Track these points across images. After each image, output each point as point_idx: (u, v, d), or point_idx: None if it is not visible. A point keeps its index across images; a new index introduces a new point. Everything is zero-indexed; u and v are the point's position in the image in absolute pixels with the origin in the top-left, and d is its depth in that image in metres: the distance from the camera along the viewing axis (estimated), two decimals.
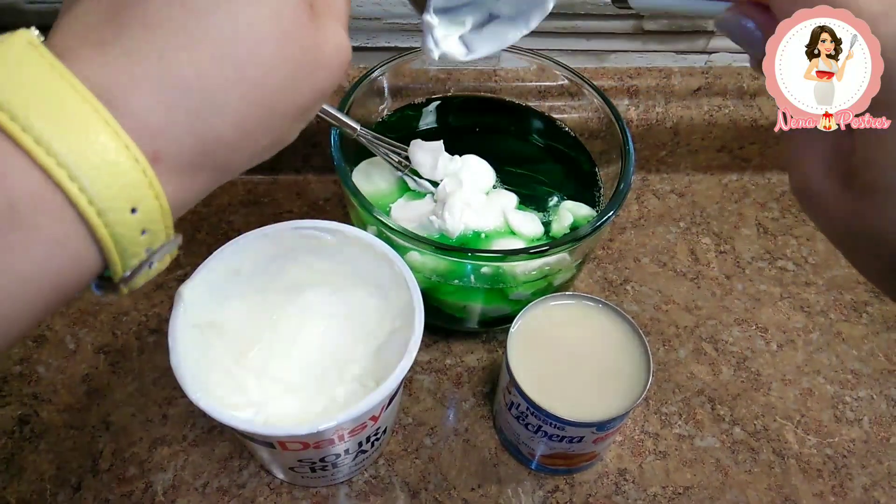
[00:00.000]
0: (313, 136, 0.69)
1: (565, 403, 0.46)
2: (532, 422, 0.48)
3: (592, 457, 0.52)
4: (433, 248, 0.48)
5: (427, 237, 0.51)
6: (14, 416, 0.54)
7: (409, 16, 0.65)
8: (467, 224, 0.53)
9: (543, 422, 0.47)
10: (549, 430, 0.48)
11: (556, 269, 0.53)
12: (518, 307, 0.51)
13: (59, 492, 0.51)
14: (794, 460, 0.56)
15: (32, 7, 0.62)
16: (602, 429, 0.47)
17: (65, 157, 0.19)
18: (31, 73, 0.20)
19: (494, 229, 0.54)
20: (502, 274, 0.52)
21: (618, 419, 0.47)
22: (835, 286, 0.67)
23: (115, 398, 0.56)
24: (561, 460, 0.52)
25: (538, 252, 0.48)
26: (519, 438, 0.52)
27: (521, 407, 0.48)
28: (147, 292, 0.62)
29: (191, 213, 0.69)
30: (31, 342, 0.59)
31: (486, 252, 0.51)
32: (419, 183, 0.56)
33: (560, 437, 0.48)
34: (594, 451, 0.51)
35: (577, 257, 0.54)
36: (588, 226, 0.50)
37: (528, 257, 0.49)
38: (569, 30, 0.67)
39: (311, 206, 0.70)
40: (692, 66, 0.72)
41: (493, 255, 0.50)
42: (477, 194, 0.55)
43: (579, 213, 0.57)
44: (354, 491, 0.52)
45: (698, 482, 0.54)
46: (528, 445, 0.51)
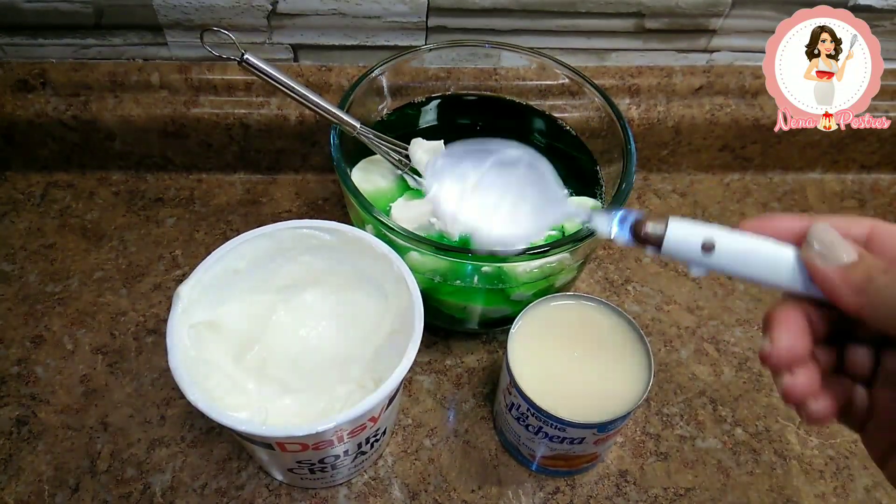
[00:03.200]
0: (312, 136, 0.69)
1: (566, 404, 0.46)
2: (533, 423, 0.48)
3: (593, 458, 0.52)
4: (433, 248, 0.48)
5: (427, 236, 0.51)
6: (12, 417, 0.54)
7: (408, 14, 0.64)
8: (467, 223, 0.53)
9: (544, 423, 0.47)
10: (550, 432, 0.48)
11: (557, 269, 0.53)
12: (519, 307, 0.51)
13: (58, 493, 0.51)
14: (795, 461, 0.55)
15: (32, 6, 0.62)
16: (603, 430, 0.47)
17: None
18: None
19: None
20: (503, 274, 0.52)
21: (619, 420, 0.46)
22: None
23: (114, 399, 0.56)
24: (562, 461, 0.51)
25: (539, 252, 0.48)
26: (519, 440, 0.51)
27: (521, 408, 0.48)
28: (145, 293, 0.62)
29: (189, 213, 0.69)
30: (29, 343, 0.58)
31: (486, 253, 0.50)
32: (419, 182, 0.56)
33: (561, 439, 0.48)
34: (595, 452, 0.51)
35: (578, 257, 0.53)
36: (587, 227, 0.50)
37: (529, 258, 0.48)
38: (569, 28, 0.67)
39: (310, 206, 0.70)
40: (693, 64, 0.72)
41: (492, 257, 0.49)
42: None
43: (587, 205, 0.56)
44: (354, 492, 0.52)
45: (700, 483, 0.54)
46: (529, 447, 0.51)
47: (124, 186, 0.71)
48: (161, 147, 0.70)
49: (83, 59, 0.67)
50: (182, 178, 0.72)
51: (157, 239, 0.67)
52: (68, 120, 0.67)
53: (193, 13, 0.63)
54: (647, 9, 0.65)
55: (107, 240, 0.66)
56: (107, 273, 0.64)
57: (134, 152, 0.70)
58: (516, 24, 0.66)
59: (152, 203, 0.70)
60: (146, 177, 0.72)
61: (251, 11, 0.63)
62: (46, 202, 0.69)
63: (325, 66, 0.68)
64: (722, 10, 0.66)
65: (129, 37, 0.65)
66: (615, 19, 0.67)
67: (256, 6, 0.63)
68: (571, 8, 0.65)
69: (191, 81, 0.67)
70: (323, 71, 0.68)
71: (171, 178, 0.72)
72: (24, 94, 0.66)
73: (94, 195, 0.70)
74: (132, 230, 0.67)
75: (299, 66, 0.68)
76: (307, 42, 0.67)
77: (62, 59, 0.67)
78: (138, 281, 0.63)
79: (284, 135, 0.69)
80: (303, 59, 0.68)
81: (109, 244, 0.66)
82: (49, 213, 0.68)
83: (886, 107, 0.72)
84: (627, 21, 0.67)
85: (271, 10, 0.63)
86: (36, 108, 0.66)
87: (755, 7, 0.66)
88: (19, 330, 0.59)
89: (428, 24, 0.65)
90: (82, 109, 0.66)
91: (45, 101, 0.66)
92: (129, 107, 0.67)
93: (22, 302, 0.61)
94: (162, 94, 0.67)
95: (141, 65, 0.67)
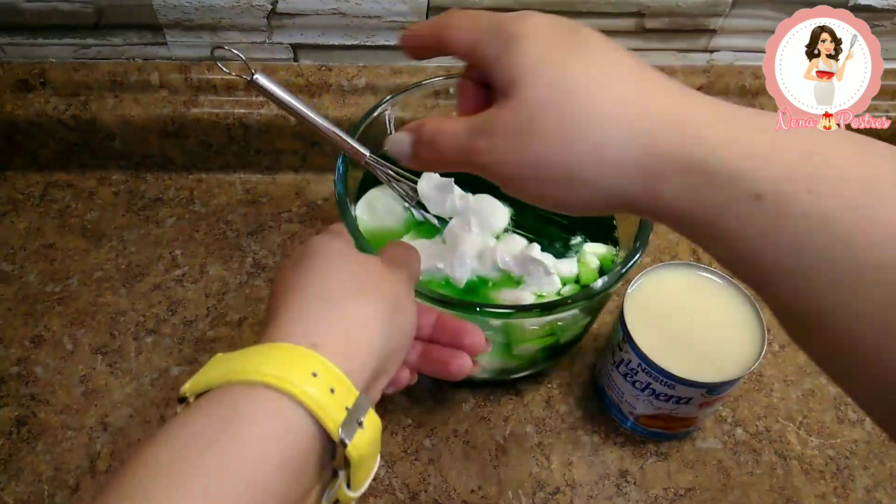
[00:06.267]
0: (312, 136, 0.69)
1: (678, 363, 0.47)
2: (641, 379, 0.49)
3: (692, 423, 0.53)
4: (439, 304, 0.45)
5: (432, 280, 0.50)
6: (11, 417, 0.54)
7: (408, 14, 0.64)
8: (475, 270, 0.51)
9: (654, 378, 0.48)
10: (658, 388, 0.49)
11: (568, 324, 0.51)
12: (522, 362, 0.50)
13: (57, 493, 0.51)
14: (796, 461, 0.55)
15: (31, 6, 0.62)
16: (713, 392, 0.48)
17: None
18: (287, 356, 0.30)
19: (502, 277, 0.52)
20: (508, 328, 0.50)
21: (729, 384, 0.48)
22: None
23: (113, 399, 0.56)
24: (661, 422, 0.52)
25: (548, 309, 0.46)
26: (623, 397, 0.52)
27: (631, 363, 0.49)
28: (145, 292, 0.62)
29: (189, 213, 0.69)
30: (29, 343, 0.59)
31: (495, 308, 0.46)
32: (426, 216, 0.54)
33: (668, 397, 0.49)
34: (695, 416, 0.52)
35: (588, 312, 0.52)
36: (601, 282, 0.47)
37: (538, 314, 0.47)
38: None
39: (309, 206, 0.70)
40: (694, 64, 0.71)
41: (502, 312, 0.46)
42: (488, 238, 0.53)
43: (600, 252, 0.54)
44: None
45: (700, 483, 0.54)
46: (631, 404, 0.52)
47: (124, 186, 0.71)
48: (161, 147, 0.70)
49: (83, 59, 0.67)
50: (182, 178, 0.72)
51: (157, 239, 0.67)
52: (68, 120, 0.67)
53: (193, 13, 0.63)
54: (647, 8, 0.65)
55: (106, 240, 0.66)
56: (106, 273, 0.64)
57: (134, 152, 0.70)
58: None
59: (152, 203, 0.70)
60: (146, 177, 0.72)
61: (251, 11, 0.63)
62: (46, 202, 0.69)
63: (325, 66, 0.68)
64: (722, 10, 0.66)
65: (129, 37, 0.65)
66: (615, 19, 0.67)
67: (256, 6, 0.63)
68: (571, 8, 0.65)
69: (191, 81, 0.67)
70: (323, 71, 0.68)
71: (171, 178, 0.72)
72: (24, 94, 0.66)
73: (94, 195, 0.70)
74: (132, 230, 0.67)
75: (299, 66, 0.68)
76: (307, 42, 0.67)
77: (62, 59, 0.67)
78: (138, 281, 0.63)
79: (284, 135, 0.69)
80: (303, 58, 0.68)
81: (109, 244, 0.66)
82: (49, 213, 0.68)
83: (886, 107, 0.72)
84: (628, 21, 0.67)
85: (271, 9, 0.63)
86: (36, 108, 0.66)
87: (755, 7, 0.66)
88: (19, 330, 0.59)
89: None
90: (82, 109, 0.66)
91: (44, 101, 0.66)
92: (128, 106, 0.67)
93: (22, 302, 0.61)
94: (162, 94, 0.67)
95: (141, 65, 0.67)
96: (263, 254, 0.66)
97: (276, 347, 0.30)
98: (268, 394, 0.28)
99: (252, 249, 0.66)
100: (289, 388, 0.28)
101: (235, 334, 0.60)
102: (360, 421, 0.29)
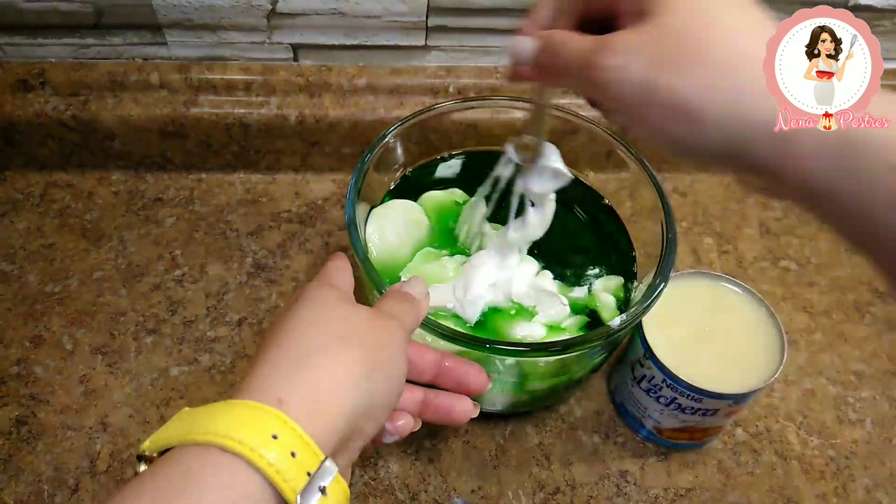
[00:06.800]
0: (312, 136, 0.69)
1: (702, 375, 0.47)
2: (666, 394, 0.49)
3: (717, 431, 0.53)
4: (447, 339, 0.43)
5: (440, 313, 0.48)
6: (11, 417, 0.54)
7: (408, 14, 0.64)
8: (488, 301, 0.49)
9: (680, 394, 0.48)
10: (684, 403, 0.48)
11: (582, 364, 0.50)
12: (535, 396, 0.50)
13: (57, 493, 0.51)
14: (796, 461, 0.55)
15: (31, 6, 0.62)
16: (739, 401, 0.48)
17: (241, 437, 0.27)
18: (247, 414, 0.28)
19: (515, 309, 0.50)
20: (520, 365, 0.48)
21: (755, 392, 0.48)
22: (838, 286, 0.67)
23: (113, 399, 0.56)
24: (687, 434, 0.53)
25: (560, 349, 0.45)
26: (645, 412, 0.52)
27: (654, 380, 0.49)
28: (144, 293, 0.62)
29: (189, 213, 0.69)
30: (29, 343, 0.58)
31: (506, 345, 0.45)
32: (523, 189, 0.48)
33: (694, 410, 0.49)
34: (721, 425, 0.52)
35: (605, 349, 0.50)
36: (619, 322, 0.45)
37: (549, 353, 0.45)
38: None
39: (309, 206, 0.70)
40: None
41: (514, 350, 0.45)
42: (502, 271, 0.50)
43: (612, 285, 0.53)
44: (354, 492, 0.52)
45: (700, 483, 0.54)
46: (656, 419, 0.52)
47: (124, 186, 0.71)
48: (161, 147, 0.70)
49: (83, 59, 0.67)
50: (182, 178, 0.72)
51: (157, 239, 0.67)
52: (68, 120, 0.67)
53: (193, 13, 0.63)
54: None
55: (106, 240, 0.66)
56: (106, 273, 0.64)
57: (133, 152, 0.70)
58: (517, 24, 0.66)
59: (152, 203, 0.70)
60: (146, 177, 0.72)
61: (251, 11, 0.63)
62: (46, 202, 0.69)
63: (325, 66, 0.68)
64: None
65: (128, 36, 0.65)
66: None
67: (256, 6, 0.63)
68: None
69: (190, 81, 0.67)
70: (323, 71, 0.68)
71: (171, 177, 0.72)
72: (24, 94, 0.66)
73: (94, 195, 0.70)
74: (132, 230, 0.67)
75: (299, 66, 0.68)
76: (307, 42, 0.67)
77: (62, 59, 0.67)
78: (137, 281, 0.63)
79: (284, 135, 0.69)
80: (303, 58, 0.68)
81: (109, 244, 0.66)
82: (48, 213, 0.68)
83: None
84: None
85: (271, 9, 0.63)
86: (35, 108, 0.66)
87: None
88: (19, 330, 0.59)
89: (428, 24, 0.65)
90: (82, 109, 0.66)
91: (44, 101, 0.66)
92: (128, 107, 0.67)
93: (21, 302, 0.61)
94: (161, 94, 0.67)
95: (140, 65, 0.67)
96: (263, 254, 0.66)
97: (238, 405, 0.28)
98: (223, 457, 0.26)
99: (252, 249, 0.66)
100: (245, 453, 0.26)
101: (235, 334, 0.60)
102: (322, 487, 0.28)
